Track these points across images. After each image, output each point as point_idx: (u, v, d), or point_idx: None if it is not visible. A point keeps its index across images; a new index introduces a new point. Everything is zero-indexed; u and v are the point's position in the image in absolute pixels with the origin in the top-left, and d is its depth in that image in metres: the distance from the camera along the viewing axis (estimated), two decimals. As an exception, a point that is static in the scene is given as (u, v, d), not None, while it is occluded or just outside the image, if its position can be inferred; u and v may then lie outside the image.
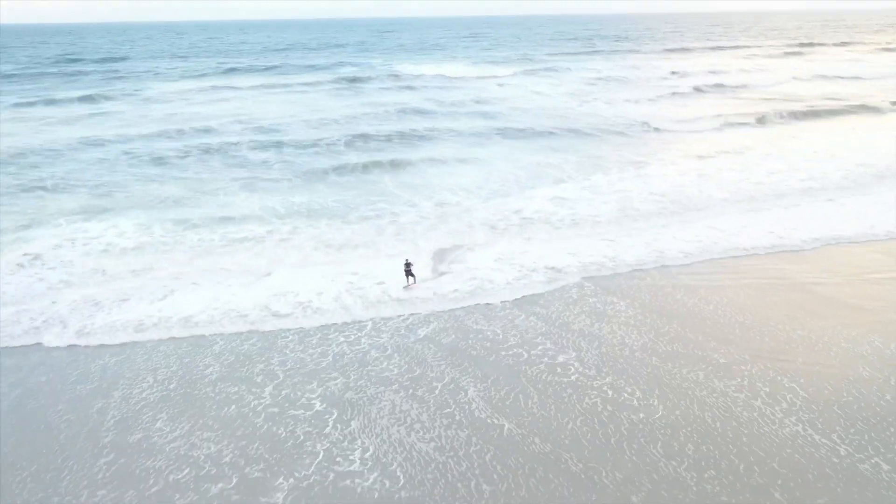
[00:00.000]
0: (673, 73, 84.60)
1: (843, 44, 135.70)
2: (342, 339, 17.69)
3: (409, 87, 73.33)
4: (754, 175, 33.81)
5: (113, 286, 21.21)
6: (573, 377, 15.53)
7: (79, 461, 13.03)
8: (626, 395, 14.70)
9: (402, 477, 12.25)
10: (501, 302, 19.69)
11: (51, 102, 61.07)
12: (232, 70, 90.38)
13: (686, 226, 26.03)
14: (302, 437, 13.60)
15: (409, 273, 20.31)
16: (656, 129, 47.72)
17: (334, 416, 14.35)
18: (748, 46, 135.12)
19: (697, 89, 68.32)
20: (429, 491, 11.83)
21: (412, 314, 19.08)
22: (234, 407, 14.73)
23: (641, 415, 13.91)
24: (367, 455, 12.96)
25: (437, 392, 15.11)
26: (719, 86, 71.43)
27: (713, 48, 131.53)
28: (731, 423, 13.41)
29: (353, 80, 77.95)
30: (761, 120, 50.00)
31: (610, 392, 14.84)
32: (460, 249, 24.01)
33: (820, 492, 11.17)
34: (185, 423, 14.18)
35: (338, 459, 12.84)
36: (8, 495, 12.05)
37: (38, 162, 38.33)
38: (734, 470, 11.95)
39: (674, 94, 66.27)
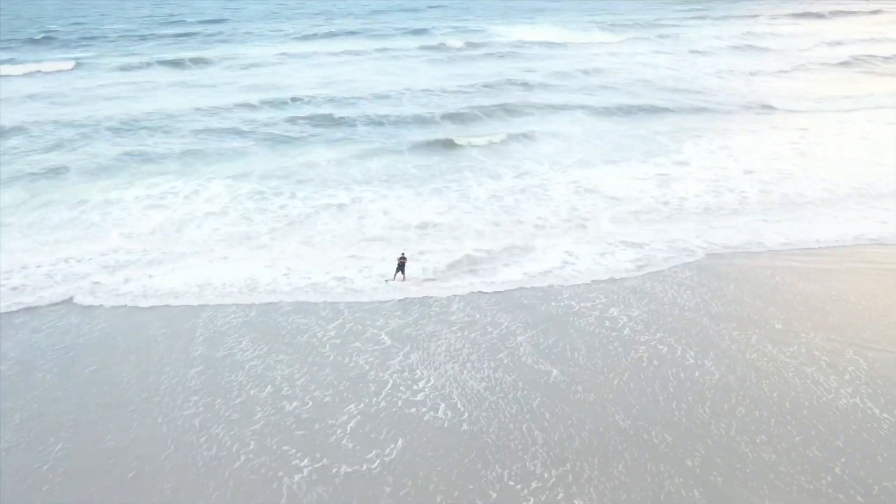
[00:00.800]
0: (814, 40, 71.59)
1: None
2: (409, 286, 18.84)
3: (510, 55, 65.16)
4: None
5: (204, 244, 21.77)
6: (624, 332, 15.89)
7: (174, 368, 14.80)
8: (676, 353, 14.86)
9: (464, 411, 13.14)
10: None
11: (155, 64, 57.31)
12: (330, 34, 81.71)
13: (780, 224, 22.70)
14: (367, 368, 14.75)
15: (400, 268, 18.92)
16: (790, 111, 39.49)
17: (396, 349, 15.48)
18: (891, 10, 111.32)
19: (842, 62, 56.70)
20: (485, 428, 12.64)
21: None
22: (304, 336, 16.12)
23: (695, 374, 14.04)
24: (429, 386, 13.95)
25: (490, 336, 15.94)
26: (868, 57, 59.27)
27: (846, 12, 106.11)
28: (788, 392, 13.33)
29: (445, 46, 69.23)
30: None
31: (661, 348, 15.09)
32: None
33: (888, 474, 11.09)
34: (263, 346, 15.71)
35: (402, 389, 13.90)
36: (118, 392, 13.93)
37: (146, 126, 37.20)
38: (788, 438, 12.01)
39: (810, 65, 56.28)
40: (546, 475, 11.34)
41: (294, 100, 43.73)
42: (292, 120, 38.44)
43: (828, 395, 13.29)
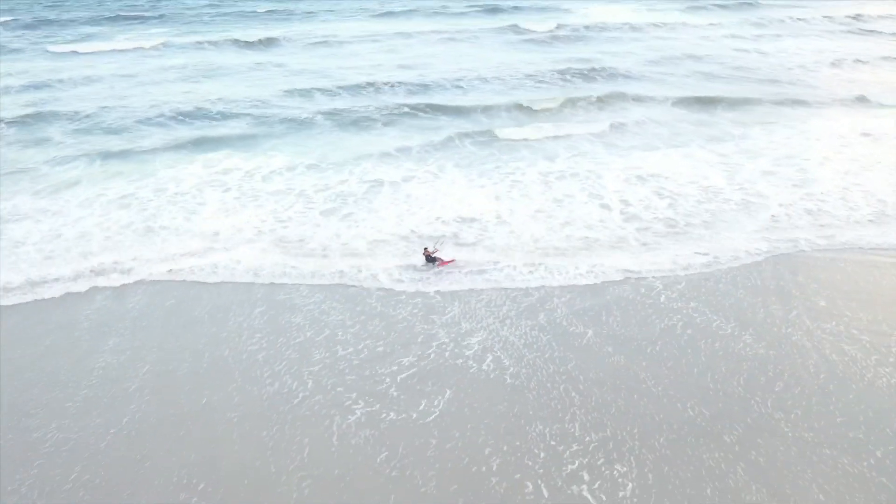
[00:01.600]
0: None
1: None
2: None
3: (591, 38, 57.17)
4: None
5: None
6: (661, 299, 16.09)
7: (240, 308, 15.99)
8: (711, 322, 14.94)
9: (508, 365, 13.69)
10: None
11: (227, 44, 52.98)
12: (391, 14, 72.97)
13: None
14: (413, 321, 15.47)
15: (431, 258, 18.11)
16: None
17: (439, 301, 16.30)
18: None
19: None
20: (525, 384, 13.11)
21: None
22: (353, 290, 16.97)
23: (726, 343, 14.12)
24: (475, 341, 14.55)
25: (526, 294, 16.54)
26: None
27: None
28: (829, 371, 13.22)
29: (519, 28, 60.06)
30: None
31: (695, 316, 15.22)
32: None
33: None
34: (318, 295, 16.70)
35: (449, 344, 14.55)
36: (190, 335, 15.20)
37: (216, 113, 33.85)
38: (829, 418, 12.01)
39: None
40: (587, 439, 11.78)
41: (369, 85, 39.01)
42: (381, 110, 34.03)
43: (867, 375, 13.13)
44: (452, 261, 18.14)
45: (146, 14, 74.64)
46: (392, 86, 39.10)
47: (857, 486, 10.55)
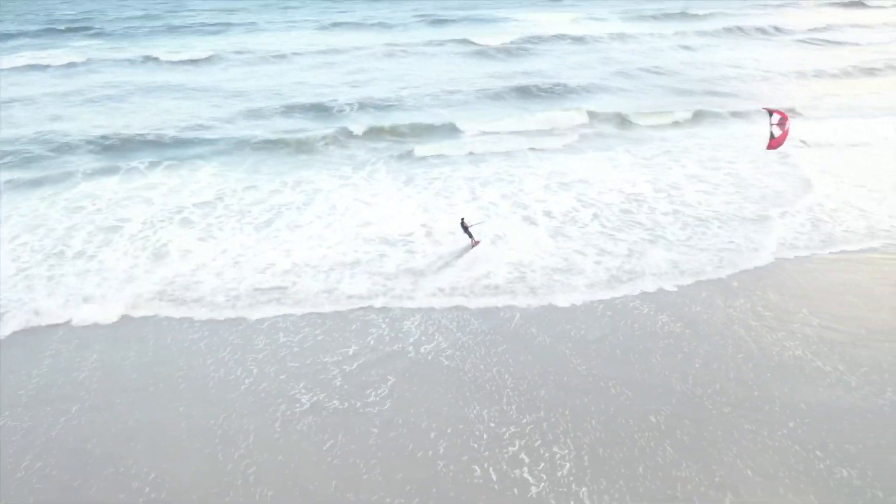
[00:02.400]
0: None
1: None
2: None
3: (539, 52, 54.26)
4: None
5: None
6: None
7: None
8: (629, 304, 15.73)
9: (445, 348, 14.18)
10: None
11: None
12: (339, 25, 71.10)
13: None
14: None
15: (467, 232, 18.91)
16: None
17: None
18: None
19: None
20: (461, 367, 13.66)
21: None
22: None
23: (645, 323, 14.74)
24: (413, 326, 15.01)
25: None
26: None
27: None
28: (745, 350, 14.03)
29: (470, 41, 57.46)
30: None
31: (617, 300, 16.11)
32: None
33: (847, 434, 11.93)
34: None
35: (387, 332, 15.01)
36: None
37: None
38: (747, 392, 12.83)
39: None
40: (524, 420, 12.27)
41: (327, 107, 36.15)
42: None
43: (781, 352, 14.08)
44: (478, 243, 19.09)
45: (76, 26, 70.38)
46: (342, 105, 36.70)
47: (776, 455, 11.31)
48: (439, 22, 74.24)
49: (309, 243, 19.74)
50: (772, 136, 17.87)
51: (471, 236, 18.94)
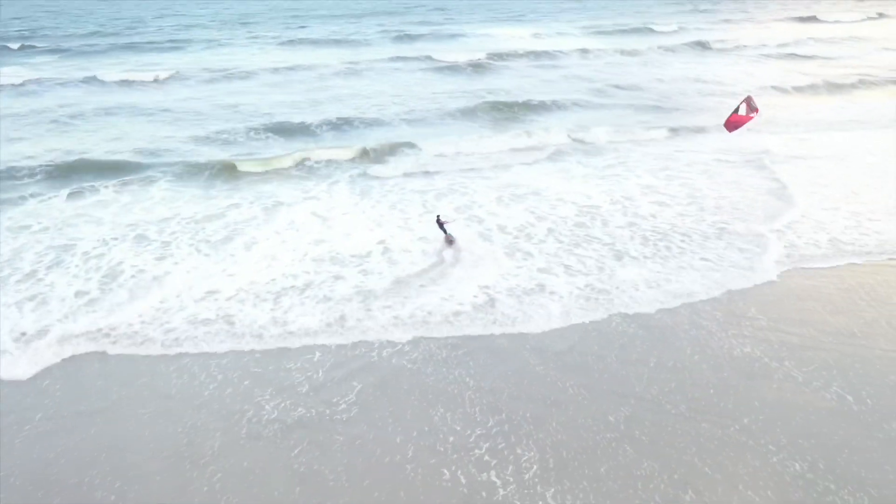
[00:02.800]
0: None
1: None
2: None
3: (508, 69, 54.64)
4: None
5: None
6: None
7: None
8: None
9: (408, 350, 14.39)
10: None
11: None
12: (300, 42, 70.68)
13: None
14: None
15: (442, 228, 19.42)
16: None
17: None
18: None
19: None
20: (422, 369, 13.92)
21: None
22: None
23: (599, 326, 15.10)
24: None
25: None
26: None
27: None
28: (700, 349, 14.54)
29: (433, 58, 57.43)
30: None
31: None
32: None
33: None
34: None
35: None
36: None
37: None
38: (703, 391, 13.24)
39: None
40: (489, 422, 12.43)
41: (288, 126, 35.54)
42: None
43: (725, 347, 14.73)
44: (454, 241, 19.25)
45: (30, 44, 68.27)
46: (303, 124, 36.01)
47: (731, 451, 11.70)
48: (403, 38, 74.48)
49: (258, 266, 18.86)
50: (736, 111, 17.98)
51: (445, 232, 19.25)
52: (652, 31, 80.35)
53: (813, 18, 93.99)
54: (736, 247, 20.11)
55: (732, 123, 18.05)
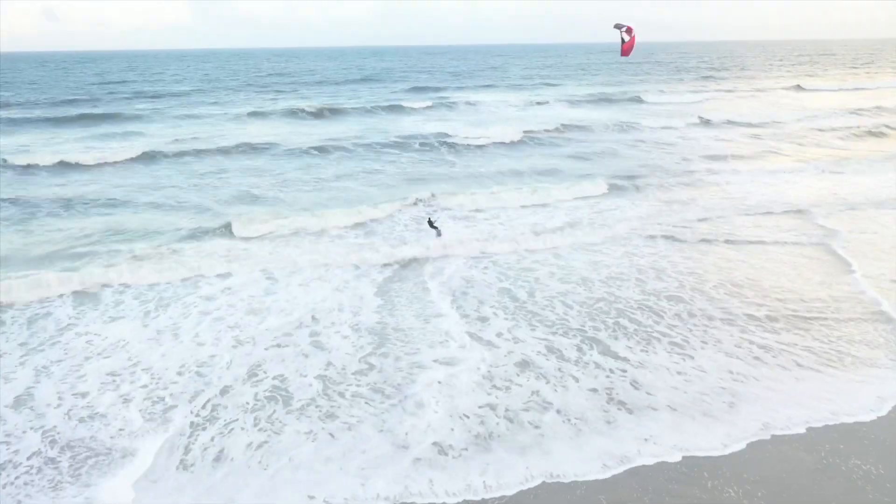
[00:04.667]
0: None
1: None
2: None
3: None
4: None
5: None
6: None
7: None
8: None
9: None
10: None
11: None
12: (261, 115, 53.01)
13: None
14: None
15: (433, 227, 20.23)
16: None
17: None
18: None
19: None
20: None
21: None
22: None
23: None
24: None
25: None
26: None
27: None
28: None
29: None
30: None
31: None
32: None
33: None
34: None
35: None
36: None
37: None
38: None
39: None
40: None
41: None
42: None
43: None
44: (440, 235, 20.06)
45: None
46: None
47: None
48: (374, 111, 58.22)
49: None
50: (623, 41, 19.25)
51: (433, 227, 20.18)
52: (644, 101, 72.68)
53: (798, 87, 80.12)
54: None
55: (626, 51, 19.55)
